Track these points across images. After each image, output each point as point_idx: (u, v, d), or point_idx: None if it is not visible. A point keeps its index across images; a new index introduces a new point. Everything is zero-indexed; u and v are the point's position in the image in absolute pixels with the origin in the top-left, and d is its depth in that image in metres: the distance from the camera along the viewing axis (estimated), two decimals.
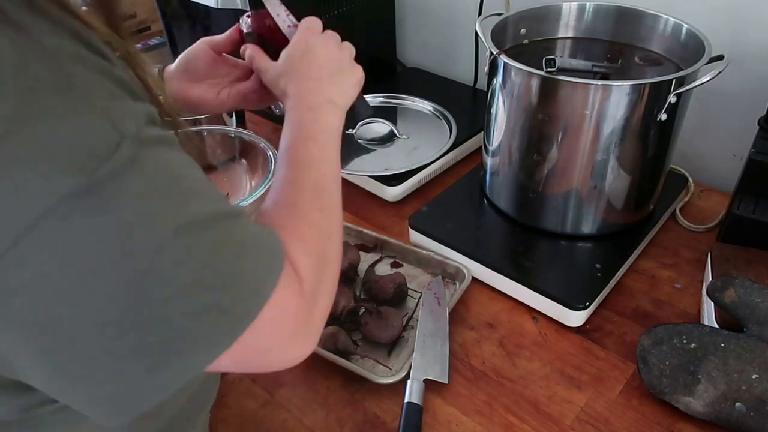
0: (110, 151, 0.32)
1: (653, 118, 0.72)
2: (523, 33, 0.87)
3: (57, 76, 0.32)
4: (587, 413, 0.66)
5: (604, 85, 0.69)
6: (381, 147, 1.00)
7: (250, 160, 0.89)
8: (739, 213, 0.77)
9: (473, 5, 1.11)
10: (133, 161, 0.33)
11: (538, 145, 0.77)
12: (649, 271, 0.82)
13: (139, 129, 0.34)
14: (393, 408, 0.67)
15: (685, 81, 0.70)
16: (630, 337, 0.73)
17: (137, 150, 0.33)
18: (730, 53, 0.72)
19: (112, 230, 0.32)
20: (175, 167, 0.36)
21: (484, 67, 0.82)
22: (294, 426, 0.66)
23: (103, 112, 0.33)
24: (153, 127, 0.36)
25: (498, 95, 0.79)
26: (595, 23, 0.87)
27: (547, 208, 0.82)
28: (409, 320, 0.76)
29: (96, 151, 0.31)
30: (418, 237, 0.86)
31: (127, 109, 0.34)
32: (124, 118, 0.33)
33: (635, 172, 0.77)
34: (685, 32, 0.78)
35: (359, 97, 0.64)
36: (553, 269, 0.78)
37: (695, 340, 0.64)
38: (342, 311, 0.74)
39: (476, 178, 0.94)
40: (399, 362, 0.71)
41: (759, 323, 0.63)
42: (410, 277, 0.82)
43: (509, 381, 0.69)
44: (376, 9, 1.18)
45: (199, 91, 0.67)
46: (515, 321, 0.76)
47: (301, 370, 0.71)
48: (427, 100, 1.10)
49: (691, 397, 0.62)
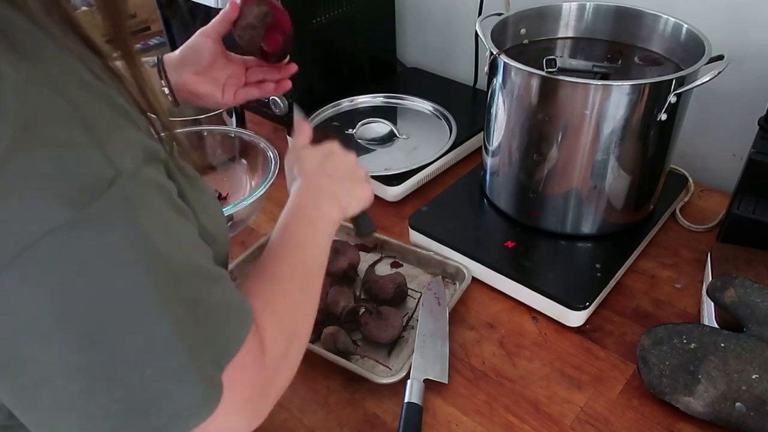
0: (104, 186, 0.31)
1: (653, 118, 0.72)
2: (523, 33, 0.87)
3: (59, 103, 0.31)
4: (587, 413, 0.66)
5: (604, 85, 0.69)
6: (381, 147, 1.00)
7: (250, 160, 0.89)
8: (739, 213, 0.77)
9: (473, 5, 1.11)
10: (125, 201, 0.32)
11: (538, 145, 0.77)
12: (649, 271, 0.82)
13: (136, 168, 0.33)
14: (393, 408, 0.67)
15: (685, 81, 0.70)
16: (630, 337, 0.73)
17: (131, 190, 0.33)
18: (730, 53, 0.72)
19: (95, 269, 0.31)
20: (164, 215, 0.36)
21: (484, 67, 0.82)
22: (294, 426, 0.66)
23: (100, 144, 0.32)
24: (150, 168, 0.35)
25: (498, 95, 0.79)
26: (595, 23, 0.87)
27: (547, 208, 0.82)
28: (409, 320, 0.76)
29: (89, 185, 0.31)
30: (418, 237, 0.86)
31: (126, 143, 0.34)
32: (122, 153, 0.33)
33: (635, 172, 0.77)
34: (685, 32, 0.78)
35: (364, 214, 0.66)
36: (553, 269, 0.78)
37: (695, 340, 0.64)
38: (342, 311, 0.74)
39: (476, 178, 0.94)
40: (399, 362, 0.71)
41: (759, 323, 0.63)
42: (410, 277, 0.82)
43: (509, 381, 0.69)
44: (376, 9, 1.18)
45: (206, 88, 0.70)
46: (515, 321, 0.76)
47: (301, 371, 0.71)
48: (427, 100, 1.10)
49: (691, 397, 0.62)
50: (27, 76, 0.31)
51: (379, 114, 1.07)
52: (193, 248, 0.38)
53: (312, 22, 1.05)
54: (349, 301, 0.75)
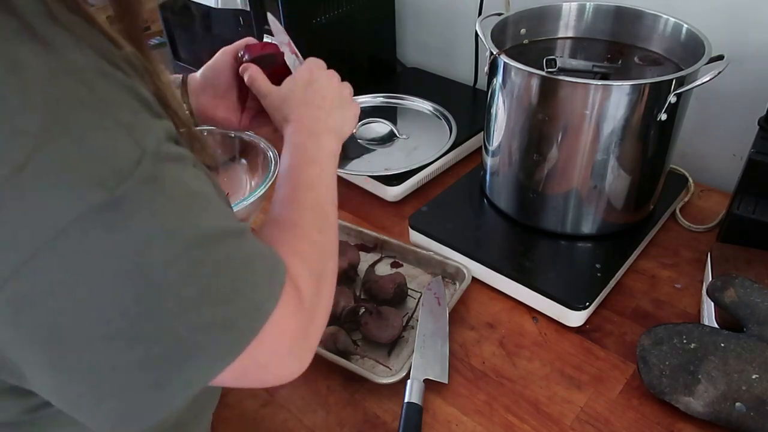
0: (132, 167, 0.33)
1: (653, 118, 0.72)
2: (523, 33, 0.87)
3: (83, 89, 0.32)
4: (587, 413, 0.66)
5: (604, 85, 0.69)
6: (381, 147, 1.00)
7: (250, 160, 0.89)
8: (739, 213, 0.77)
9: (473, 5, 1.11)
10: (153, 177, 0.33)
11: (538, 145, 0.77)
12: (649, 271, 0.82)
13: (158, 145, 0.35)
14: (393, 408, 0.67)
15: (685, 81, 0.70)
16: (630, 337, 0.73)
17: (156, 166, 0.34)
18: (730, 53, 0.72)
19: (129, 245, 0.33)
20: (189, 184, 0.37)
21: (484, 67, 0.82)
22: (294, 426, 0.66)
23: (126, 127, 0.33)
24: (171, 144, 0.36)
25: (498, 95, 0.79)
26: (595, 23, 0.87)
27: (547, 208, 0.82)
28: (409, 320, 0.76)
29: (119, 167, 0.32)
30: (418, 237, 0.86)
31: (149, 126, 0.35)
32: (146, 134, 0.34)
33: (635, 172, 0.77)
34: (685, 32, 0.78)
35: (351, 135, 0.67)
36: (553, 269, 0.78)
37: (695, 340, 0.64)
38: (342, 311, 0.74)
39: (476, 178, 0.94)
40: (399, 362, 0.71)
41: (759, 323, 0.63)
42: (410, 277, 0.82)
43: (509, 381, 0.69)
44: (376, 9, 1.18)
45: (224, 113, 0.70)
46: (515, 321, 0.76)
47: None
48: (427, 100, 1.10)
49: (691, 397, 0.62)
50: (50, 65, 0.31)
51: (379, 114, 1.07)
52: (219, 209, 0.39)
53: (312, 22, 1.05)
54: (349, 301, 0.75)
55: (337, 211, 0.56)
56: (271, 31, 0.70)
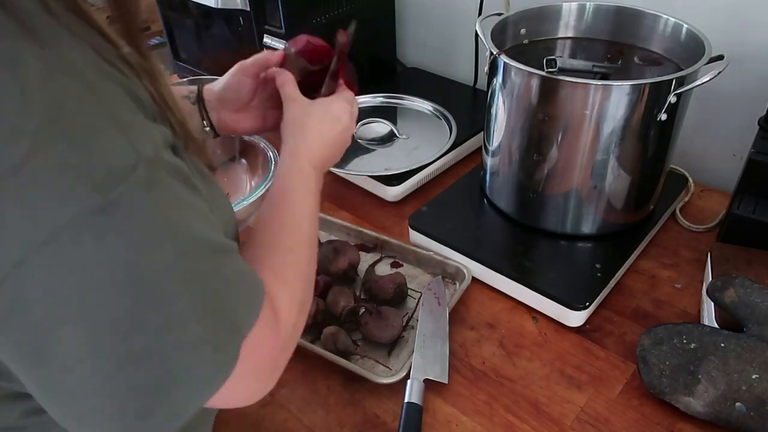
0: (128, 171, 0.32)
1: (653, 118, 0.72)
2: (523, 33, 0.87)
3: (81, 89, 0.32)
4: (587, 413, 0.66)
5: (604, 85, 0.69)
6: (381, 147, 1.00)
7: (250, 160, 0.89)
8: (739, 213, 0.77)
9: (473, 5, 1.11)
10: (147, 184, 0.33)
11: (538, 145, 0.77)
12: (649, 271, 0.82)
13: (155, 152, 0.34)
14: (393, 408, 0.67)
15: (685, 81, 0.70)
16: (630, 337, 0.73)
17: (152, 173, 0.34)
18: (730, 53, 0.72)
19: (121, 252, 0.32)
20: (183, 196, 0.37)
21: (484, 67, 0.82)
22: (294, 426, 0.66)
23: (124, 130, 0.33)
24: (168, 153, 0.36)
25: (498, 95, 0.79)
26: (595, 23, 0.87)
27: (547, 208, 0.82)
28: (409, 320, 0.76)
29: (114, 170, 0.32)
30: (418, 237, 0.86)
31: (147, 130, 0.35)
32: (143, 139, 0.34)
33: (635, 172, 0.77)
34: (685, 32, 0.78)
35: None
36: (553, 269, 0.78)
37: (695, 340, 0.64)
38: (342, 311, 0.74)
39: (476, 178, 0.94)
40: (399, 362, 0.71)
41: (759, 323, 0.63)
42: (410, 277, 0.82)
43: (509, 381, 0.69)
44: (376, 9, 1.18)
45: (248, 123, 0.69)
46: (515, 321, 0.76)
47: (301, 371, 0.71)
48: (427, 100, 1.10)
49: (691, 397, 0.62)
50: (49, 65, 0.31)
51: (379, 114, 1.07)
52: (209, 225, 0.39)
53: (312, 22, 1.05)
54: (349, 301, 0.75)
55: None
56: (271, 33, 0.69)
